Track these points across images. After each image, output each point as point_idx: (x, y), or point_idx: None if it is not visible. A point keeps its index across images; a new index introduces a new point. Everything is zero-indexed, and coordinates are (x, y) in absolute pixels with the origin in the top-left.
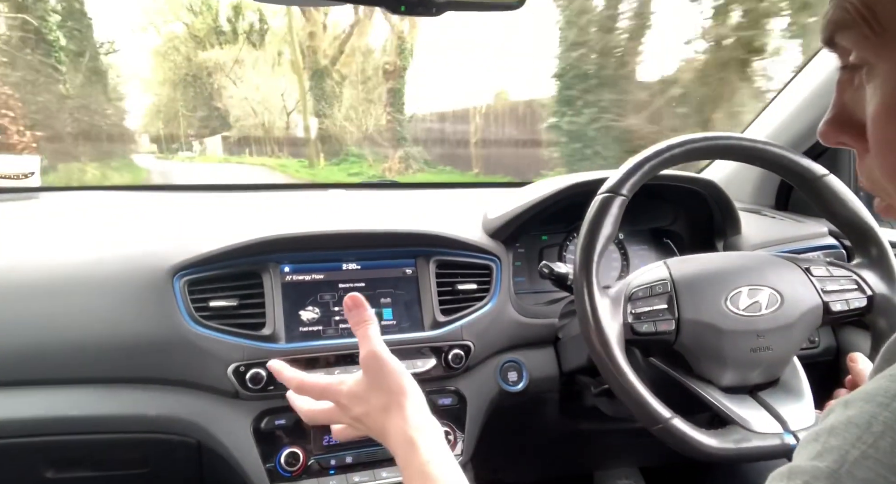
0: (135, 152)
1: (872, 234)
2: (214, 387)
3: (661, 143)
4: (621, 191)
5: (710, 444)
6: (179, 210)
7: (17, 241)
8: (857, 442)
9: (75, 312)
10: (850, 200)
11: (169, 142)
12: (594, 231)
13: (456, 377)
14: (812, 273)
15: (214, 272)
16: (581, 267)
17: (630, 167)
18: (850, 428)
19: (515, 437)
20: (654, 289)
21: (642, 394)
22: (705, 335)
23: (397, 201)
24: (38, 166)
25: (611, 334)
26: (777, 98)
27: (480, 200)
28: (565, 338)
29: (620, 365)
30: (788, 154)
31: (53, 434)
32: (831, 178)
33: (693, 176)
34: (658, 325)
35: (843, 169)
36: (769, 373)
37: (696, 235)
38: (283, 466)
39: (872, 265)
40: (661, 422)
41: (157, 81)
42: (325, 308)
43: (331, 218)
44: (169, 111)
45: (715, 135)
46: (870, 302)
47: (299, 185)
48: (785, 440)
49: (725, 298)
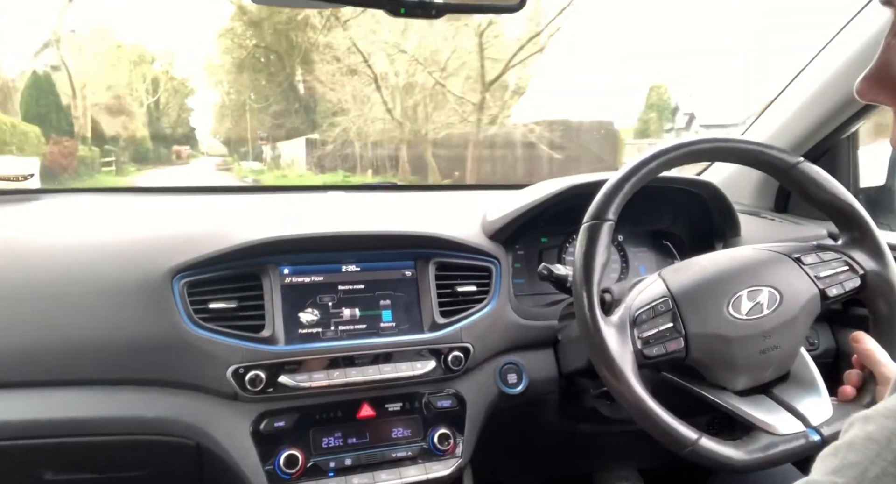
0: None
1: (854, 213)
2: (214, 389)
3: (634, 159)
4: (606, 216)
5: (739, 457)
6: (179, 212)
7: (18, 242)
8: (877, 459)
9: (75, 313)
10: (828, 183)
11: (237, 145)
12: (588, 261)
13: (455, 379)
14: (804, 262)
15: (214, 274)
16: (583, 298)
17: (608, 191)
18: (870, 444)
19: (515, 438)
20: (657, 308)
21: (666, 420)
22: (715, 346)
23: (397, 203)
24: (38, 168)
25: (624, 365)
26: (776, 100)
27: (480, 202)
28: (565, 340)
29: (640, 395)
30: (759, 147)
31: (52, 436)
32: (806, 165)
33: (692, 178)
34: (667, 345)
35: (843, 169)
36: (780, 369)
37: (696, 237)
38: (283, 469)
39: (859, 243)
40: (689, 445)
41: (225, 65)
42: (325, 310)
43: (330, 220)
44: (237, 105)
45: (686, 141)
46: (863, 281)
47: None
48: (810, 438)
49: (727, 304)
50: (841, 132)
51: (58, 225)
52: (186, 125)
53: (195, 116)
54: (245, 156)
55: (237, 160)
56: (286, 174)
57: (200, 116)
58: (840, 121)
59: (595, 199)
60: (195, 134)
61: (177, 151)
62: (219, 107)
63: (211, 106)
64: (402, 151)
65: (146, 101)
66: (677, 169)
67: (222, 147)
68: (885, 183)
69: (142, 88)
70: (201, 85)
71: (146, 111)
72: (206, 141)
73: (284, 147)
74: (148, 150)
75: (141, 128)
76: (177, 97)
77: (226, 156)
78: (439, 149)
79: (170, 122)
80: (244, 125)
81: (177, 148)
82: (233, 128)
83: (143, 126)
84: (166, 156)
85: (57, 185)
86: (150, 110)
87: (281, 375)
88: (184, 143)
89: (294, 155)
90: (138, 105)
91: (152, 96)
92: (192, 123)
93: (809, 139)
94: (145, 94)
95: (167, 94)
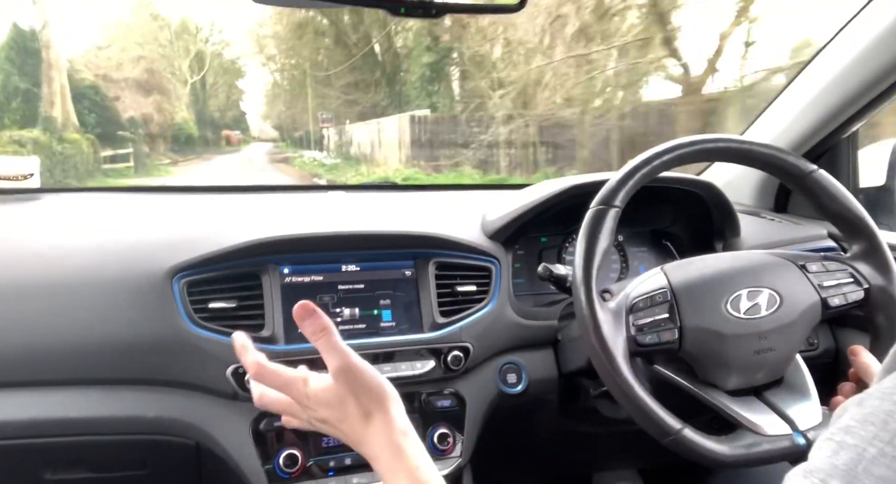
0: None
1: (865, 227)
2: (213, 388)
3: (651, 150)
4: (614, 202)
5: (721, 451)
6: (179, 211)
7: (18, 242)
8: (874, 440)
9: (74, 312)
10: (841, 194)
11: (291, 130)
12: (591, 245)
13: (455, 379)
14: (808, 270)
15: (214, 273)
16: (580, 282)
17: (620, 178)
18: (866, 426)
19: (514, 438)
20: (655, 298)
21: (651, 407)
22: (709, 341)
23: (397, 203)
24: (38, 167)
25: (615, 349)
26: (777, 99)
27: (480, 202)
28: (564, 339)
29: (627, 379)
30: (777, 152)
31: (52, 436)
32: (821, 174)
33: (692, 178)
34: (661, 335)
35: (842, 169)
36: (773, 373)
37: (696, 237)
38: (282, 468)
39: (867, 257)
40: (672, 434)
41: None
42: (325, 310)
43: (330, 219)
44: (295, 78)
45: (703, 138)
46: (867, 294)
47: (299, 186)
48: (795, 441)
49: (725, 302)
50: (841, 132)
51: (58, 224)
52: (236, 107)
53: (245, 98)
54: (301, 143)
55: (290, 147)
56: (379, 168)
57: (251, 97)
58: (840, 121)
59: (605, 185)
60: (245, 118)
61: (227, 136)
62: (271, 85)
63: (262, 84)
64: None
65: (190, 80)
66: (677, 169)
67: (273, 132)
68: (884, 183)
69: (185, 65)
70: (251, 58)
71: (189, 90)
72: (256, 125)
73: (358, 130)
74: (191, 135)
75: (183, 109)
76: (226, 76)
77: (277, 141)
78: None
79: (218, 105)
80: (302, 105)
81: (227, 132)
82: (287, 110)
83: (186, 107)
84: (213, 141)
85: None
86: (196, 89)
87: None
88: (234, 128)
89: (374, 140)
90: (181, 84)
91: (197, 74)
92: (241, 106)
93: (809, 139)
94: (188, 72)
95: (214, 73)
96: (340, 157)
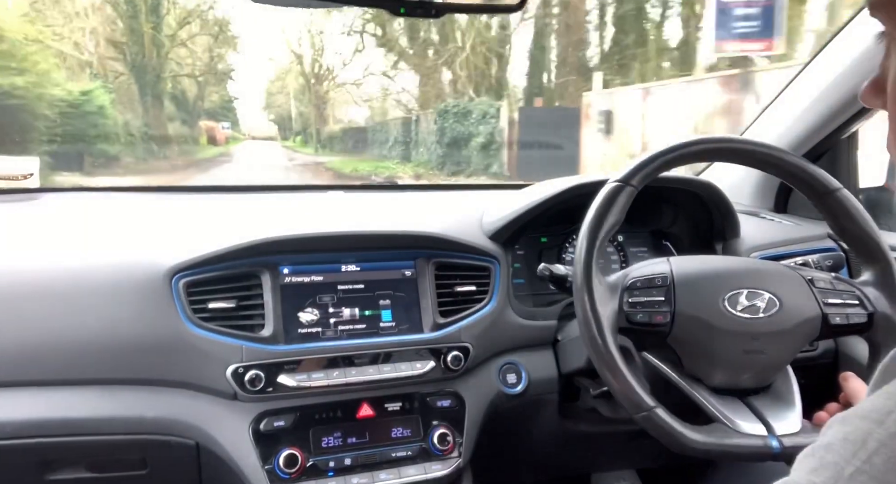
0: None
1: (881, 253)
2: (213, 388)
3: (676, 140)
4: (632, 181)
5: (692, 437)
6: (179, 211)
7: (17, 242)
8: (853, 458)
9: (74, 313)
10: (862, 216)
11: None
12: (601, 218)
13: (455, 379)
14: (815, 285)
15: (213, 274)
16: (583, 250)
17: (643, 160)
18: (846, 445)
19: (514, 438)
20: (654, 281)
21: (629, 379)
22: (699, 331)
23: (396, 203)
24: (38, 167)
25: (603, 318)
26: (776, 100)
27: (480, 202)
28: (564, 339)
29: (610, 349)
30: (805, 165)
31: (52, 436)
32: (844, 193)
33: (692, 178)
34: (653, 316)
35: (842, 169)
36: (760, 378)
37: (696, 237)
38: (282, 468)
39: (878, 283)
40: (646, 409)
41: None
42: (324, 310)
43: (330, 219)
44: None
45: (731, 138)
46: (870, 319)
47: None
48: (769, 443)
49: (724, 297)
50: (841, 132)
51: (58, 224)
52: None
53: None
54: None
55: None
56: None
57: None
58: (840, 121)
59: (627, 164)
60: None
61: (208, 131)
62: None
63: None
64: None
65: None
66: (677, 169)
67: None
68: (884, 183)
69: None
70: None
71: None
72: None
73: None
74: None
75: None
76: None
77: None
78: None
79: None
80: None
81: (208, 125)
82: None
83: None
84: (188, 139)
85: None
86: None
87: (280, 375)
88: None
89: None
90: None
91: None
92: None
93: (809, 139)
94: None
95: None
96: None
